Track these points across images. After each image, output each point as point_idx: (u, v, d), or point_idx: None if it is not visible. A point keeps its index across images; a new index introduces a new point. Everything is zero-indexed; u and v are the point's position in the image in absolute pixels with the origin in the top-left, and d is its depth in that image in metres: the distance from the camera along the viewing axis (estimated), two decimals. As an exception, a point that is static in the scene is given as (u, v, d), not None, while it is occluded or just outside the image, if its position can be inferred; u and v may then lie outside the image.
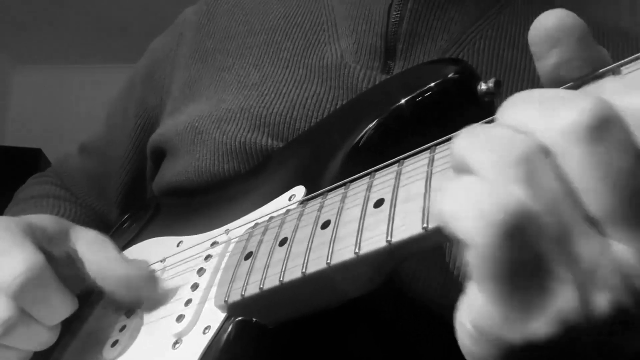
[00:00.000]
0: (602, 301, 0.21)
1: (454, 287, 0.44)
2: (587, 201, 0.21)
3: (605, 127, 0.21)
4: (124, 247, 0.55)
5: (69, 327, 0.48)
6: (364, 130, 0.42)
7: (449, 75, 0.41)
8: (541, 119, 0.22)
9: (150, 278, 0.45)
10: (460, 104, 0.41)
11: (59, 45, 2.98)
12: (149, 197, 0.69)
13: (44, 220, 0.46)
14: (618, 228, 0.21)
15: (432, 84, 0.41)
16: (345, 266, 0.32)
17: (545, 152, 0.22)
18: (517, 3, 0.56)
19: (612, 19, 0.59)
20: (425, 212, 0.29)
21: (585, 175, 0.21)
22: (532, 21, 0.56)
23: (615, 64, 0.27)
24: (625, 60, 0.27)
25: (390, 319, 0.44)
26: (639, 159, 0.21)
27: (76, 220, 0.60)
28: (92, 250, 0.45)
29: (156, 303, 0.45)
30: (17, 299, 0.40)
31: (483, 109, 0.40)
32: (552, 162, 0.22)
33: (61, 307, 0.42)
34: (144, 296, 0.45)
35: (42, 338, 0.42)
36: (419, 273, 0.44)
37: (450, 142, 0.32)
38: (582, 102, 0.21)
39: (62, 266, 0.44)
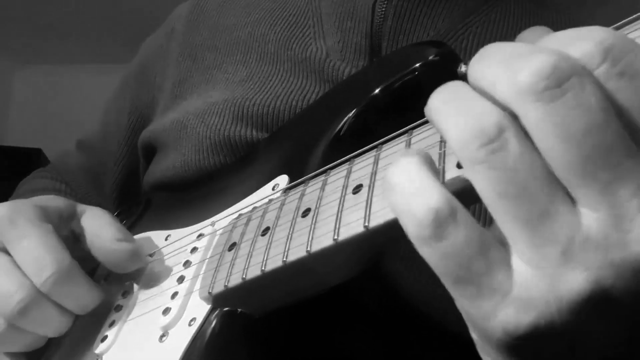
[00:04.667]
0: (577, 281, 0.20)
1: (437, 289, 0.44)
2: (552, 164, 0.21)
3: (563, 82, 0.20)
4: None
5: None
6: (345, 118, 0.42)
7: (430, 58, 0.40)
8: (504, 80, 0.22)
9: (135, 253, 0.46)
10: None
11: (59, 45, 2.98)
12: (139, 194, 0.70)
13: (55, 200, 0.47)
14: (585, 190, 0.20)
15: (413, 67, 0.40)
16: (325, 253, 0.32)
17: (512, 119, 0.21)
18: (510, 2, 0.55)
19: (612, 19, 0.57)
20: None
21: (546, 135, 0.20)
22: (523, 21, 0.55)
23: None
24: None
25: (378, 311, 0.44)
26: (601, 113, 0.20)
27: None
28: (92, 223, 0.47)
29: (143, 297, 0.45)
30: (50, 295, 0.42)
31: None
32: (517, 129, 0.21)
33: (89, 298, 0.44)
34: (130, 270, 0.47)
35: (56, 323, 0.43)
36: (403, 274, 0.44)
37: (427, 124, 0.32)
38: (535, 58, 0.21)
39: (72, 247, 0.45)
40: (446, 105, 0.23)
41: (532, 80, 0.20)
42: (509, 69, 0.21)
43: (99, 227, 0.46)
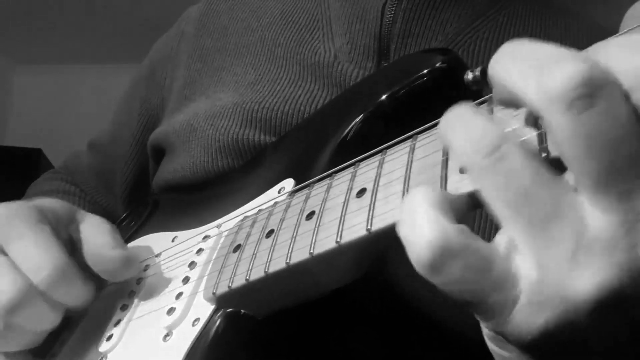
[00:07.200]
0: (584, 282, 0.21)
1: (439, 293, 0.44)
2: (574, 169, 0.21)
3: (595, 92, 0.20)
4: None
5: (69, 322, 0.49)
6: (352, 124, 0.43)
7: (437, 65, 0.41)
8: (534, 85, 0.21)
9: (128, 261, 0.46)
10: (447, 93, 0.41)
11: (59, 45, 2.99)
12: (148, 195, 0.70)
13: (54, 203, 0.48)
14: (603, 196, 0.20)
15: (420, 74, 0.41)
16: (327, 255, 0.32)
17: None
18: (518, 5, 0.55)
19: (613, 19, 0.58)
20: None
21: (572, 144, 0.20)
22: (531, 23, 0.55)
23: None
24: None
25: (379, 312, 0.44)
26: (629, 125, 0.20)
27: None
28: (89, 230, 0.47)
29: (149, 297, 0.46)
30: (47, 292, 0.42)
31: (471, 99, 0.40)
32: (515, 142, 0.22)
33: (85, 294, 0.45)
34: (124, 279, 0.47)
35: (48, 319, 0.44)
36: (405, 275, 0.44)
37: (432, 129, 0.32)
38: (570, 64, 0.20)
39: (69, 253, 0.45)
40: (452, 124, 0.24)
41: (563, 89, 0.20)
42: (539, 73, 0.21)
43: (95, 234, 0.46)
